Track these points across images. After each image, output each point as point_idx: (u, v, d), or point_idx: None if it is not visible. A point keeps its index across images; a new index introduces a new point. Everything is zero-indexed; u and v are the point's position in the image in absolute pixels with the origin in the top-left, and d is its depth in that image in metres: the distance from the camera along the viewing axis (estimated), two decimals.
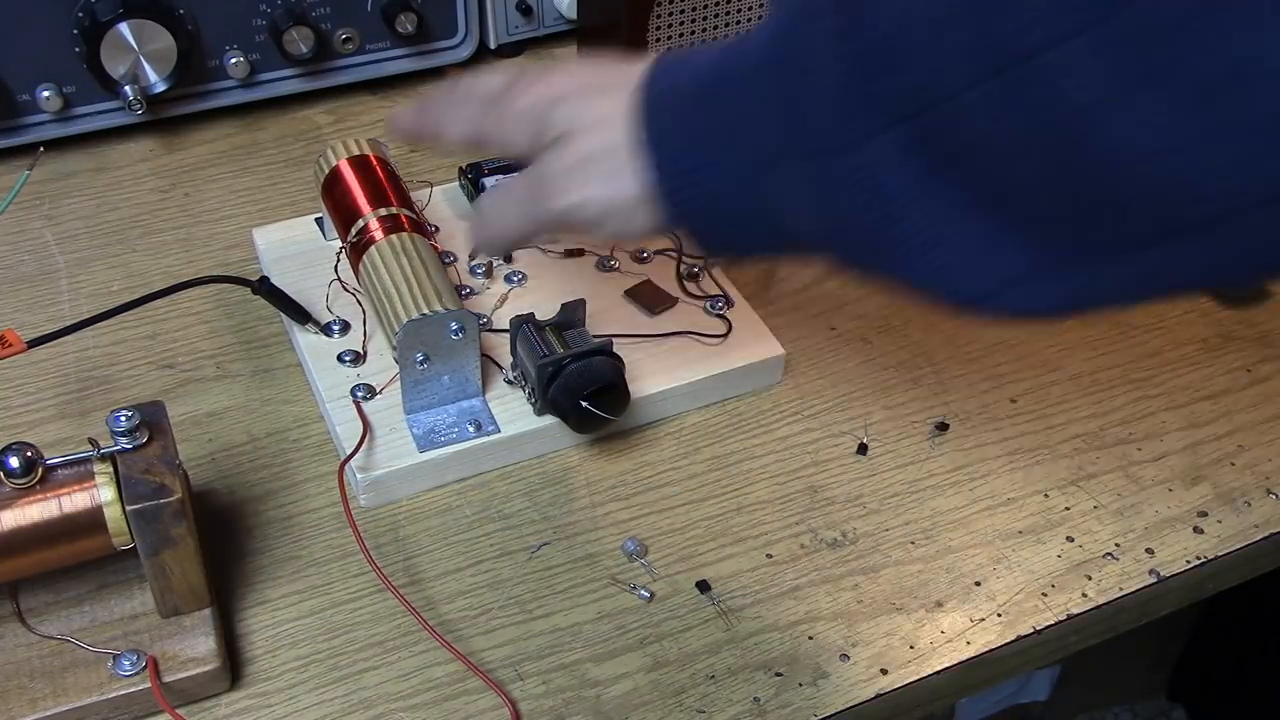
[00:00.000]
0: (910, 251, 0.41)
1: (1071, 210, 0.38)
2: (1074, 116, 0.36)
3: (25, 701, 0.50)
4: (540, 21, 0.91)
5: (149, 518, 0.49)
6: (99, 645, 0.52)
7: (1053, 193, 0.38)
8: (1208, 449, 0.65)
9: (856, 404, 0.67)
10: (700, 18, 0.81)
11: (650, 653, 0.55)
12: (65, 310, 0.71)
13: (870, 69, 0.40)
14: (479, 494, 0.62)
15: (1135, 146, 0.35)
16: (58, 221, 0.78)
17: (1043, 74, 0.36)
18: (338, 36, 0.83)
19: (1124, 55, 0.34)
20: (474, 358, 0.62)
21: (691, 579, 0.58)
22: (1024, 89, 0.36)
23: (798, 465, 0.64)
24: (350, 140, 0.69)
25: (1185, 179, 0.35)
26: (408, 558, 0.59)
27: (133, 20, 0.76)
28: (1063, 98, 0.36)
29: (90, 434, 0.53)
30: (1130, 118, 0.35)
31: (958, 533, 0.61)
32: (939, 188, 0.40)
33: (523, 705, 0.53)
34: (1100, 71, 0.35)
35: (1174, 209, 0.36)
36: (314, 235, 0.72)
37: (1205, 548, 0.61)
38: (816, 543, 0.60)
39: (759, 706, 0.53)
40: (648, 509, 0.61)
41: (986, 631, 0.57)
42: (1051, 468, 0.64)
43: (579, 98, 0.51)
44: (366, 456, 0.60)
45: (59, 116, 0.80)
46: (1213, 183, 0.35)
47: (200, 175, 0.81)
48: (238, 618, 0.56)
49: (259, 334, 0.70)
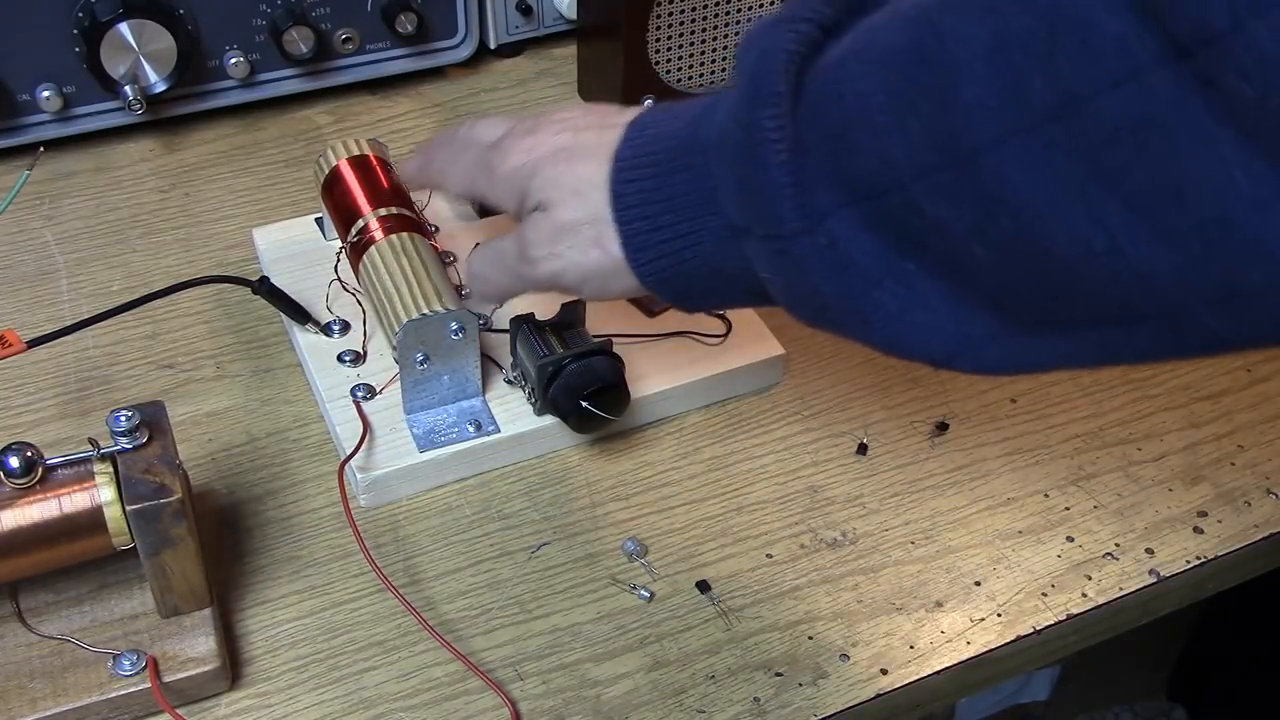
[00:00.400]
0: (877, 318, 0.42)
1: (1028, 291, 0.39)
2: (1022, 211, 0.36)
3: (25, 701, 0.50)
4: (540, 21, 0.91)
5: (149, 518, 0.49)
6: (99, 645, 0.52)
7: (1008, 275, 0.39)
8: (1208, 449, 0.65)
9: (856, 404, 0.67)
10: (700, 18, 0.81)
11: (650, 653, 0.55)
12: (65, 310, 0.71)
13: (829, 151, 0.40)
14: (479, 494, 0.62)
15: (1082, 245, 0.36)
16: (58, 221, 0.78)
17: (991, 169, 0.36)
18: (338, 36, 0.83)
19: (1070, 159, 0.35)
20: (474, 358, 0.62)
21: (691, 579, 0.58)
22: (974, 182, 0.37)
23: (798, 465, 0.64)
24: (350, 140, 0.69)
25: (1132, 278, 0.36)
26: (408, 558, 0.59)
27: (133, 20, 0.76)
28: (1011, 194, 0.36)
29: (90, 434, 0.53)
30: (1077, 218, 0.35)
31: (957, 533, 0.61)
32: (903, 258, 0.41)
33: (523, 705, 0.53)
34: (1047, 171, 0.35)
35: (1124, 302, 0.37)
36: (314, 235, 0.72)
37: (1205, 548, 0.61)
38: (816, 543, 0.60)
39: (759, 706, 0.53)
40: (648, 509, 0.61)
41: (986, 631, 0.57)
42: (1051, 468, 0.64)
43: (558, 164, 0.52)
44: (366, 456, 0.60)
45: (59, 116, 0.80)
46: (1159, 283, 0.35)
47: (200, 175, 0.81)
48: (238, 618, 0.56)
49: (259, 334, 0.70)
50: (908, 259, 0.41)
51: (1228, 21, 0.31)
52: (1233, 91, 0.31)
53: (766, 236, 0.43)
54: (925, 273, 0.41)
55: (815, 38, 0.42)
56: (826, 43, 0.42)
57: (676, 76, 0.83)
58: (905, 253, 0.41)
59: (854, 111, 0.39)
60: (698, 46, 0.83)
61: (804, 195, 0.41)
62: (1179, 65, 0.32)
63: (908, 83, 0.38)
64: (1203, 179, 0.33)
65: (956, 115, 0.36)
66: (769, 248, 0.43)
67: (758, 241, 0.44)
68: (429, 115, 0.87)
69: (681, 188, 0.46)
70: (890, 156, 0.39)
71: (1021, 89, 0.35)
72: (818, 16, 0.42)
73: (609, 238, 0.49)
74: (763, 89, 0.42)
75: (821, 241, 0.41)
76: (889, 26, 0.39)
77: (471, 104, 0.88)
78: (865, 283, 0.41)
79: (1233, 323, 0.35)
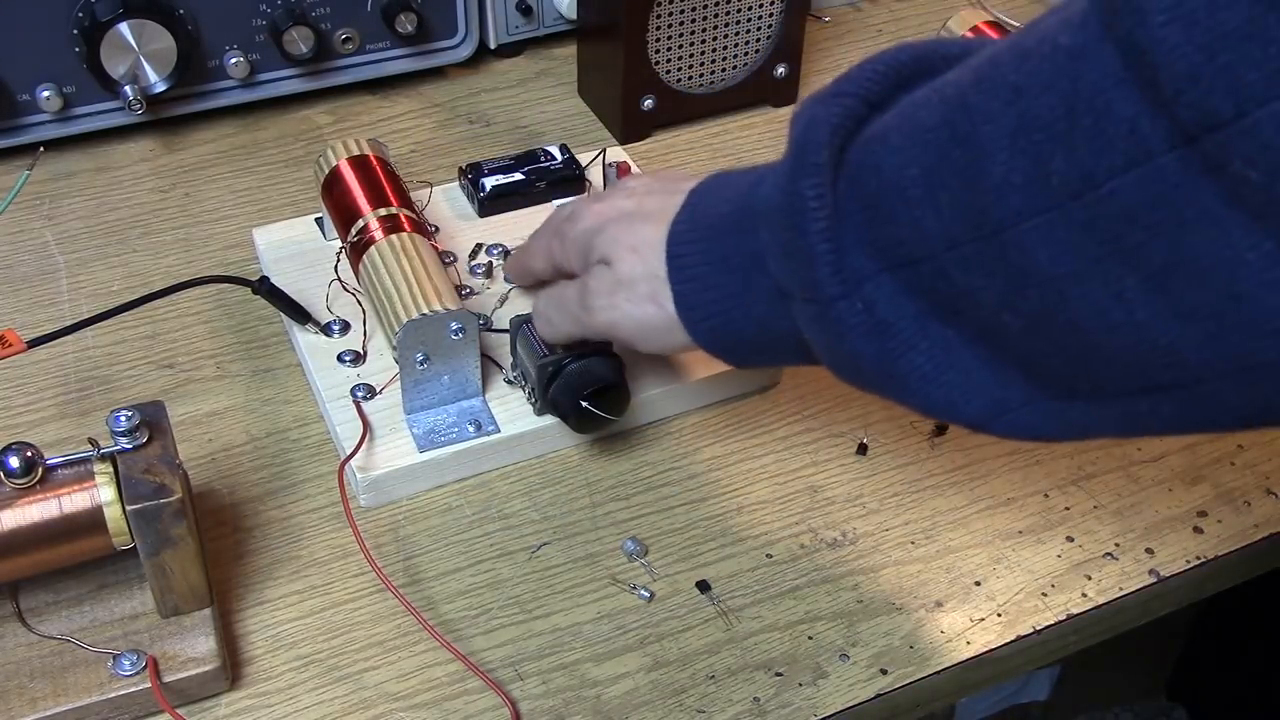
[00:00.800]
0: (915, 380, 0.43)
1: (1057, 360, 0.40)
2: (1046, 285, 0.38)
3: (25, 701, 0.50)
4: (540, 21, 0.91)
5: (149, 518, 0.49)
6: (99, 645, 0.52)
7: (1037, 344, 0.40)
8: (1208, 449, 0.65)
9: (856, 404, 0.67)
10: (700, 18, 0.81)
11: (650, 653, 0.55)
12: (65, 310, 0.71)
13: (867, 219, 0.42)
14: (479, 494, 0.62)
15: (1106, 317, 0.37)
16: (58, 221, 0.78)
17: (1016, 243, 0.38)
18: (338, 36, 0.83)
19: (1089, 236, 0.36)
20: (474, 358, 0.62)
21: (691, 579, 0.58)
22: (1001, 255, 0.38)
23: (798, 465, 0.64)
24: (350, 140, 0.69)
25: (1156, 349, 0.37)
26: (408, 558, 0.59)
27: (133, 20, 0.76)
28: (1036, 268, 0.38)
29: (90, 434, 0.53)
30: (1096, 293, 0.37)
31: (957, 533, 0.61)
32: (939, 324, 0.42)
33: (523, 705, 0.53)
34: (1068, 248, 0.37)
35: (1149, 372, 0.38)
36: (314, 235, 0.72)
37: (1205, 548, 0.61)
38: (816, 543, 0.60)
39: (759, 706, 0.53)
40: (648, 509, 0.61)
41: (986, 631, 0.57)
42: (1051, 468, 0.64)
43: (622, 225, 0.55)
44: (366, 456, 0.60)
45: (59, 116, 0.80)
46: (1182, 354, 0.36)
47: (200, 175, 0.81)
48: (238, 618, 0.56)
49: (259, 334, 0.70)
50: (943, 324, 0.42)
51: (1232, 109, 0.31)
52: (1240, 176, 0.32)
53: (807, 300, 0.45)
54: (960, 338, 0.42)
55: (860, 112, 0.44)
56: (872, 117, 0.44)
57: (676, 76, 0.83)
58: (940, 318, 0.42)
59: (889, 183, 0.41)
60: (698, 46, 0.83)
61: (841, 261, 0.43)
62: (1187, 150, 0.33)
63: (940, 158, 0.39)
64: (1215, 259, 0.34)
65: (984, 191, 0.38)
66: (810, 311, 0.45)
67: (800, 305, 0.45)
68: (429, 115, 0.87)
69: (733, 251, 0.49)
70: (922, 227, 0.40)
71: (1043, 168, 0.36)
72: (864, 92, 0.44)
73: (664, 295, 0.52)
74: (806, 159, 0.43)
75: (858, 306, 0.43)
76: (927, 103, 0.41)
77: (471, 104, 0.88)
78: (901, 346, 0.43)
79: (1254, 395, 0.37)
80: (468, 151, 0.83)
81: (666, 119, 0.85)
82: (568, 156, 0.76)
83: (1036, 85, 0.36)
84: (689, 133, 0.86)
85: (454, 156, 0.82)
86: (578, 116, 0.87)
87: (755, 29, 0.83)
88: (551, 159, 0.76)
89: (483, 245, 0.72)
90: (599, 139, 0.85)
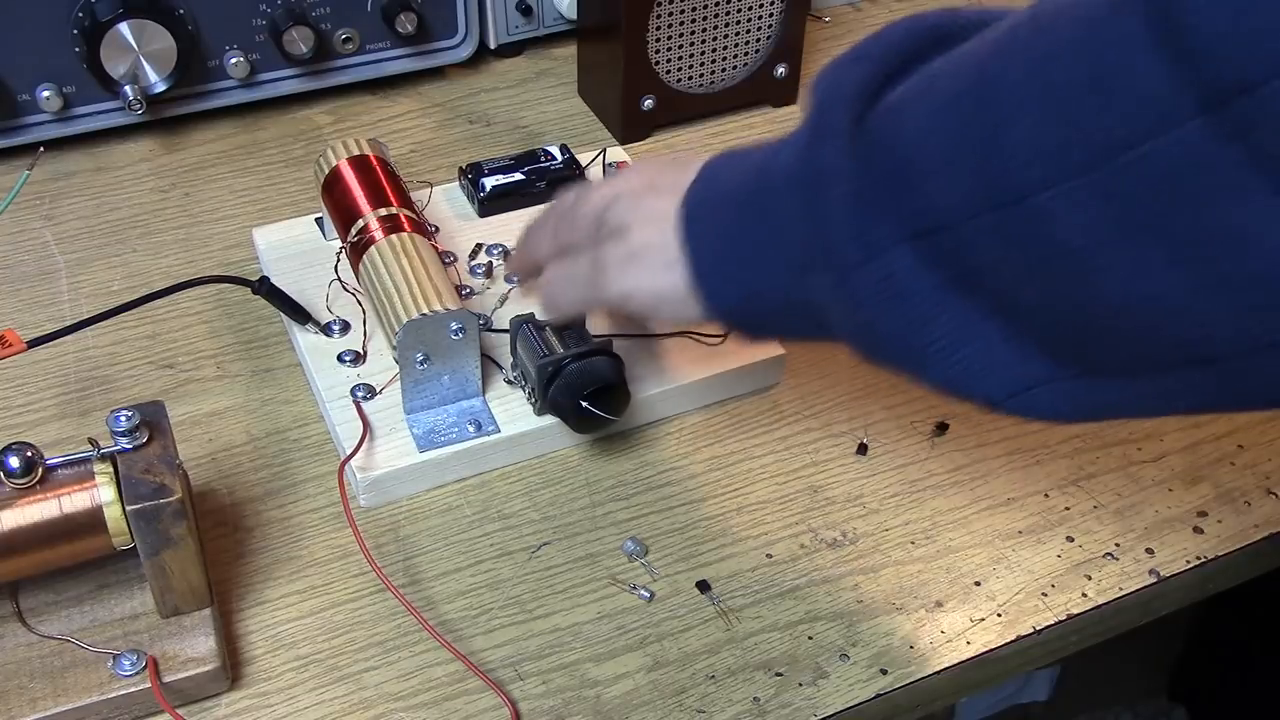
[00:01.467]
0: (933, 353, 0.43)
1: (1080, 333, 0.39)
2: (1068, 257, 0.37)
3: (25, 701, 0.50)
4: (540, 21, 0.91)
5: (149, 518, 0.49)
6: (99, 645, 0.52)
7: (1060, 319, 0.39)
8: (1208, 449, 0.65)
9: (856, 404, 0.67)
10: (700, 18, 0.81)
11: (650, 653, 0.55)
12: (65, 310, 0.71)
13: (887, 187, 0.41)
14: (479, 494, 0.62)
15: (1130, 291, 0.36)
16: (58, 221, 0.78)
17: (1038, 214, 0.37)
18: (338, 36, 0.83)
19: (1114, 206, 0.35)
20: (474, 358, 0.62)
21: (691, 579, 0.58)
22: (1022, 225, 0.38)
23: (798, 465, 0.64)
24: (350, 140, 0.69)
25: (1182, 324, 0.36)
26: (408, 558, 0.59)
27: (133, 20, 0.76)
28: (1059, 239, 0.37)
29: (90, 434, 0.53)
30: (1123, 265, 0.36)
31: (958, 533, 0.61)
32: (958, 296, 0.41)
33: (523, 705, 0.53)
34: (1091, 219, 0.36)
35: (1176, 347, 0.37)
36: (314, 235, 0.72)
37: (1205, 548, 0.61)
38: (816, 543, 0.60)
39: (759, 706, 0.53)
40: (648, 509, 0.61)
41: (986, 631, 0.57)
42: (1051, 468, 0.64)
43: (636, 196, 0.54)
44: (366, 456, 0.60)
45: (59, 116, 0.80)
46: (1209, 329, 0.36)
47: (200, 175, 0.81)
48: (238, 618, 0.56)
49: (259, 334, 0.70)
50: (963, 297, 0.41)
51: (1262, 72, 0.31)
52: (1266, 142, 0.32)
53: (827, 268, 0.44)
54: (980, 312, 0.41)
55: (879, 80, 0.43)
56: (891, 84, 0.43)
57: (676, 76, 0.83)
58: (960, 291, 0.41)
59: (910, 151, 0.40)
60: (698, 46, 0.83)
61: (862, 228, 0.42)
62: (1214, 115, 0.32)
63: (960, 126, 0.39)
64: (1241, 228, 0.33)
65: (1005, 160, 0.37)
66: (828, 279, 0.44)
67: (819, 273, 0.44)
68: (429, 115, 0.87)
69: (750, 221, 0.48)
70: (942, 196, 0.40)
71: (1066, 136, 0.35)
72: (883, 59, 0.43)
73: (679, 264, 0.51)
74: (825, 125, 0.43)
75: (878, 275, 0.42)
76: (946, 72, 0.40)
77: (471, 104, 0.88)
78: (920, 318, 0.42)
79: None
80: (468, 151, 0.83)
81: (666, 119, 0.85)
82: (568, 156, 0.76)
83: (1059, 52, 0.36)
84: (689, 133, 0.86)
85: (454, 156, 0.82)
86: (578, 116, 0.87)
87: (755, 29, 0.83)
88: (551, 159, 0.76)
89: (483, 245, 0.72)
90: (599, 139, 0.85)
